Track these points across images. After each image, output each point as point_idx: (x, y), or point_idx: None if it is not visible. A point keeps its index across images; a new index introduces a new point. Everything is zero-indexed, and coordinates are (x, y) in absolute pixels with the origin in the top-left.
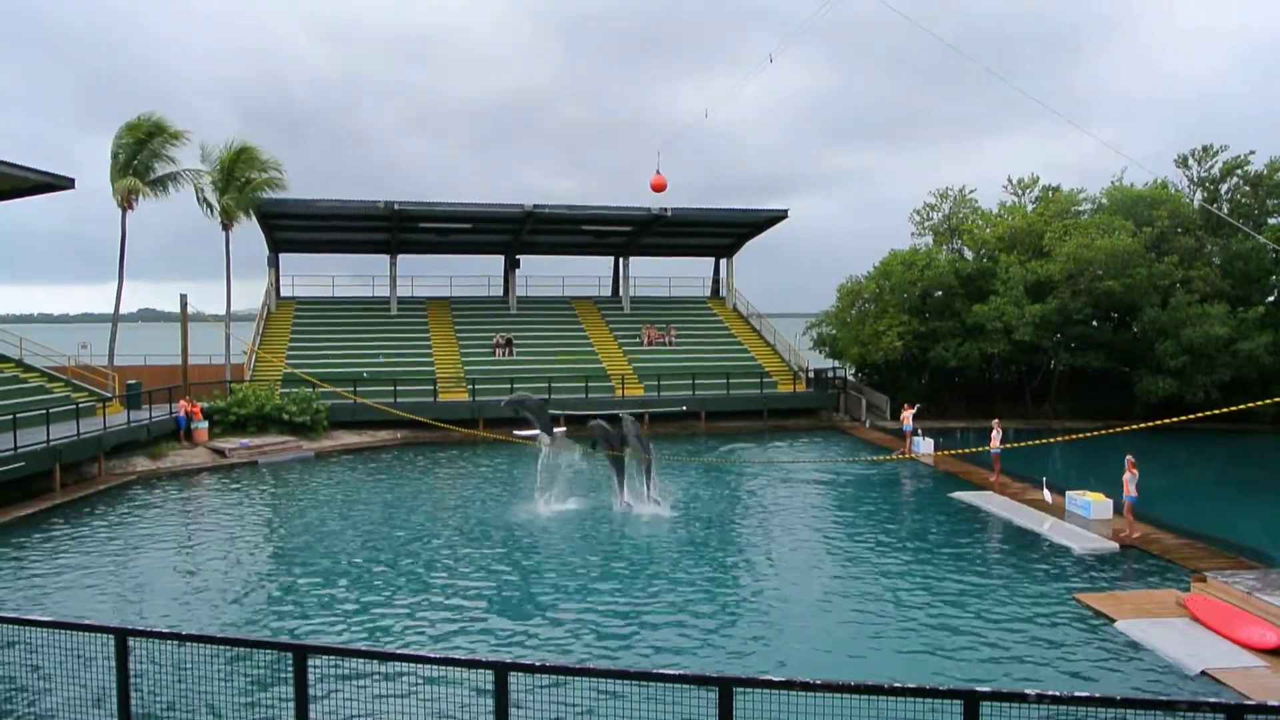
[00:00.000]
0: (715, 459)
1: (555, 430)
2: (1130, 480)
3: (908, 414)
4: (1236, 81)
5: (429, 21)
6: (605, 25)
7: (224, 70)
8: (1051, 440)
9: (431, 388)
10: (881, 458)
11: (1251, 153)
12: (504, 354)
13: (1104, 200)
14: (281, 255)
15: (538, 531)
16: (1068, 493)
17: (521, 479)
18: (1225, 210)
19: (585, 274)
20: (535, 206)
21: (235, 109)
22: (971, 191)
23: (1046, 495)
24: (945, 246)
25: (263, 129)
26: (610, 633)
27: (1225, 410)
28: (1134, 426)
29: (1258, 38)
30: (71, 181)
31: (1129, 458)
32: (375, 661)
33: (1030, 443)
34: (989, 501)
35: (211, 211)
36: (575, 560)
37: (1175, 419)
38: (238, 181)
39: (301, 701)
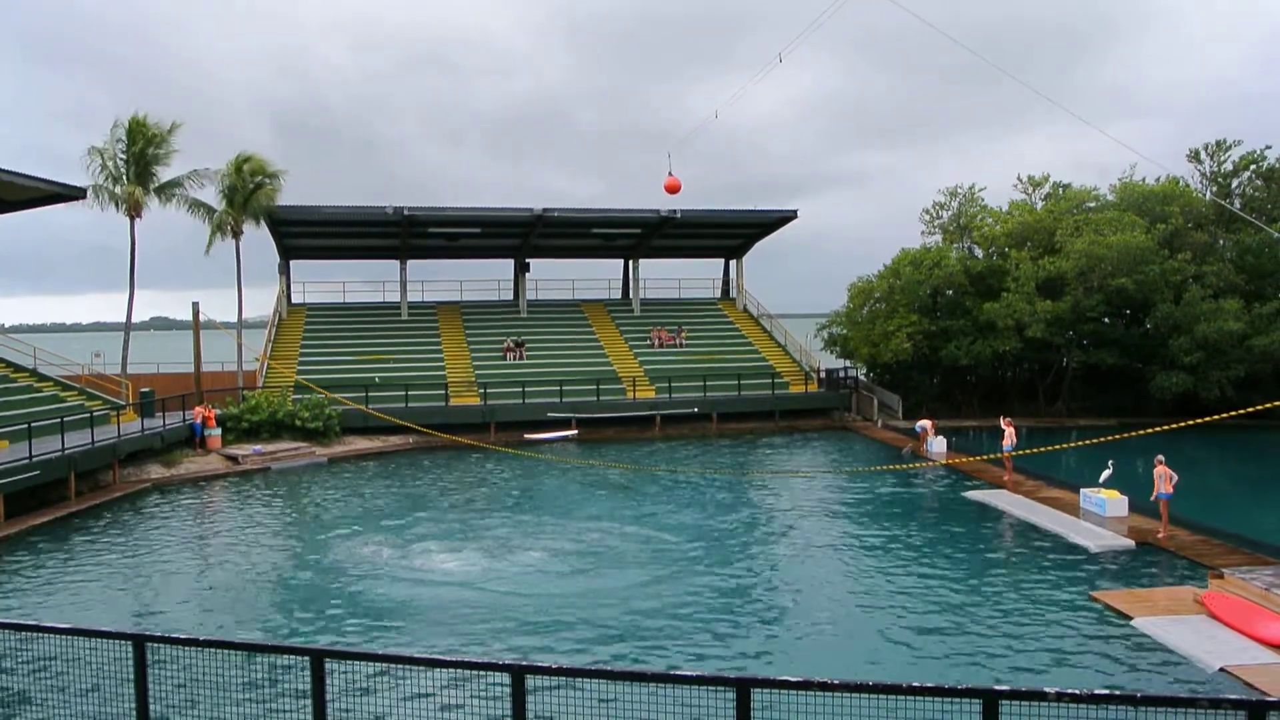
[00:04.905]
0: (731, 471)
1: (566, 432)
2: (1161, 477)
3: (930, 424)
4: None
5: (451, 25)
6: (623, 27)
7: (256, 75)
8: (1069, 445)
9: (443, 392)
10: (897, 466)
11: (1267, 147)
12: (515, 357)
13: (1112, 198)
14: (292, 262)
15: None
16: (1082, 490)
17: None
18: (1237, 205)
19: (595, 277)
20: (544, 210)
21: (268, 116)
22: (981, 189)
23: (1102, 477)
24: (955, 245)
25: (292, 136)
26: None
27: (1246, 411)
28: (1158, 429)
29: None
30: (84, 192)
31: (1159, 456)
32: (392, 664)
33: (1047, 448)
34: (1003, 500)
35: (210, 217)
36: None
37: (1197, 420)
38: (242, 191)
39: (319, 705)
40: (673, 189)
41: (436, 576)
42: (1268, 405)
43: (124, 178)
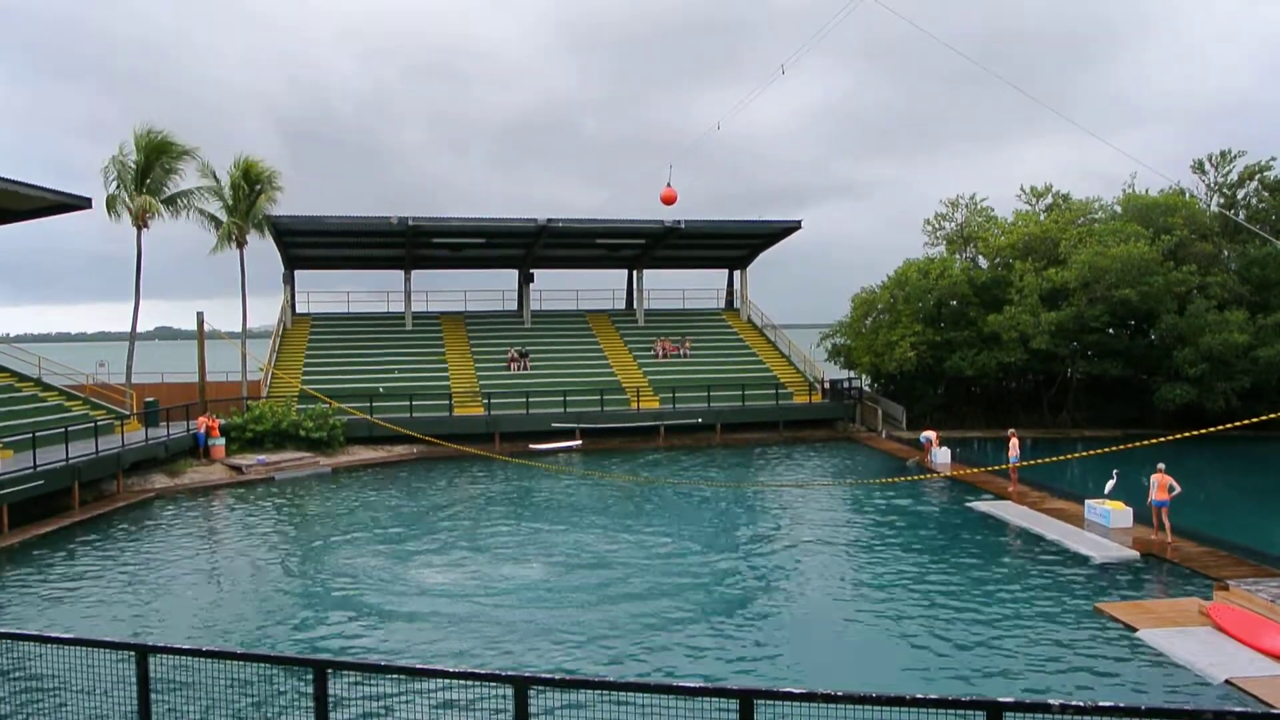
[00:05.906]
0: (734, 483)
1: (570, 443)
2: (1155, 484)
3: (934, 435)
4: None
5: (456, 35)
6: (627, 35)
7: (263, 85)
8: (1071, 456)
9: (447, 403)
10: (901, 479)
11: (1273, 159)
12: (519, 368)
13: (1118, 208)
14: (297, 272)
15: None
16: (1087, 501)
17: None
18: (1242, 216)
19: (599, 287)
20: (549, 220)
21: (274, 125)
22: (984, 200)
23: (1107, 487)
24: (959, 255)
25: (298, 145)
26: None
27: (1251, 421)
28: (1163, 439)
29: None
30: (89, 201)
31: (1159, 464)
32: (395, 676)
33: (1051, 459)
34: (1007, 511)
35: (217, 227)
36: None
37: (1202, 431)
38: (246, 198)
39: (322, 716)
40: (669, 200)
41: (436, 592)
42: (1273, 416)
43: (134, 188)
